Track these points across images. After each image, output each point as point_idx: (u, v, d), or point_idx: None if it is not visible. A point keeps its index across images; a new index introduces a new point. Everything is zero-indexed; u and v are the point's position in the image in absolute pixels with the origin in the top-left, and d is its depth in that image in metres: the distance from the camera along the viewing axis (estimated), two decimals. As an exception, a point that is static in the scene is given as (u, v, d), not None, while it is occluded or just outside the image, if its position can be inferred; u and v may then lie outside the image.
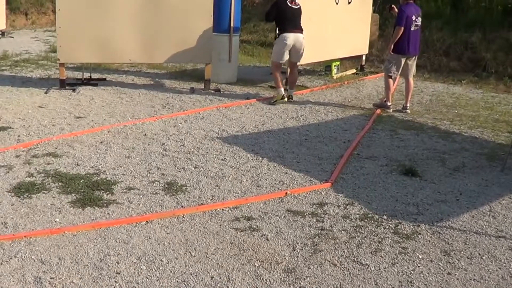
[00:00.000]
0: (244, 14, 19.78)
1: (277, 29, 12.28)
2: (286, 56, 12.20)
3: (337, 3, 14.38)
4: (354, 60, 16.13)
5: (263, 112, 11.40)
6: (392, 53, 11.79)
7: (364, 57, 16.03)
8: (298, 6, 12.16)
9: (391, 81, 11.97)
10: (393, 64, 11.82)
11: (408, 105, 12.05)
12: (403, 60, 11.78)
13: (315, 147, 9.38)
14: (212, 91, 12.84)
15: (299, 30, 12.11)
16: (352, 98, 12.90)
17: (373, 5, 15.96)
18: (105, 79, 13.67)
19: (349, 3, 14.84)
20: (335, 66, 15.20)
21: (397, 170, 8.46)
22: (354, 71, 15.77)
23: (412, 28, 11.60)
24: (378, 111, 11.72)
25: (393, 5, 12.49)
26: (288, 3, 12.04)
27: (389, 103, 12.01)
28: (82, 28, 12.22)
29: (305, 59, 13.58)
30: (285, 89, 12.46)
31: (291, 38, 11.98)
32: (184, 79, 14.01)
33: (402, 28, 11.49)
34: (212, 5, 12.62)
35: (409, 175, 8.24)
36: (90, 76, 13.57)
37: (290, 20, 12.02)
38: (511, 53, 15.85)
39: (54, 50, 16.34)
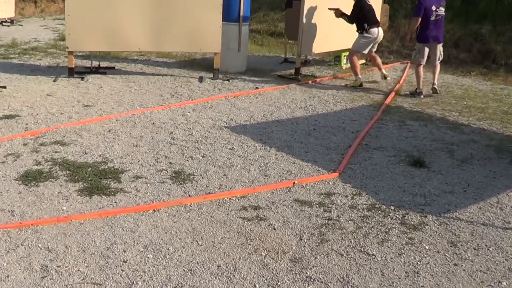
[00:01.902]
0: (254, 4, 19.75)
1: (365, 24, 13.19)
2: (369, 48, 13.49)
3: (347, -7, 14.33)
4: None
5: (271, 101, 11.38)
6: (417, 43, 12.50)
7: (374, 48, 15.95)
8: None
9: (420, 69, 12.64)
10: (419, 53, 12.51)
11: (436, 82, 12.84)
12: (427, 49, 12.42)
13: (323, 137, 9.37)
14: (221, 80, 12.83)
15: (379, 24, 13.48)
16: (360, 89, 12.86)
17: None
18: (113, 68, 13.69)
19: (359, -7, 14.76)
20: (344, 56, 15.15)
21: (405, 160, 8.44)
22: (363, 61, 15.70)
23: (433, 18, 12.13)
24: (388, 100, 11.71)
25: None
26: (368, 2, 13.24)
27: (420, 90, 12.64)
28: (91, 17, 12.22)
29: (315, 50, 13.61)
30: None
31: (377, 31, 13.26)
32: (193, 68, 14.01)
33: (419, 19, 12.14)
34: (221, -5, 12.61)
35: (417, 166, 8.22)
36: (99, 65, 13.59)
37: (373, 15, 13.32)
38: (522, 46, 15.81)
39: (63, 38, 16.37)
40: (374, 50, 13.81)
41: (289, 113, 10.66)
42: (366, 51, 13.56)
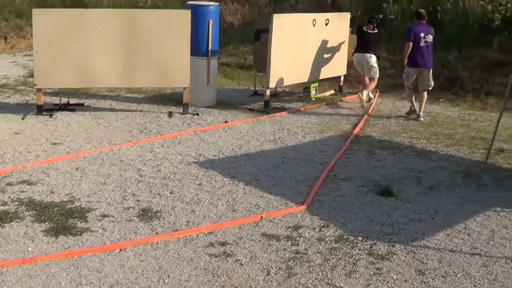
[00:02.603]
0: (224, 37, 19.84)
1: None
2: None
3: (314, 25, 14.43)
4: (332, 81, 16.16)
5: (241, 135, 11.40)
6: (407, 67, 13.26)
7: (342, 78, 16.08)
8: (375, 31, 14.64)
9: (409, 91, 13.46)
10: (406, 76, 13.36)
11: (421, 113, 13.25)
12: (415, 73, 13.13)
13: (292, 169, 9.39)
14: (191, 115, 12.83)
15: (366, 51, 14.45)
16: (330, 119, 12.91)
17: (350, 26, 16.01)
18: (83, 104, 13.64)
19: (326, 24, 14.89)
20: (313, 87, 15.23)
21: (373, 190, 8.49)
22: (332, 92, 15.80)
23: (422, 44, 12.96)
24: (357, 130, 11.79)
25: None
26: (364, 29, 14.50)
27: (413, 108, 13.43)
28: (59, 53, 12.18)
29: (284, 82, 13.71)
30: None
31: (358, 57, 14.49)
32: (163, 103, 13.99)
33: (410, 44, 12.97)
34: (189, 29, 12.61)
35: (385, 195, 8.28)
36: (68, 101, 13.52)
37: (361, 42, 14.50)
38: (488, 71, 15.92)
39: (32, 75, 16.26)
40: (369, 76, 14.55)
41: (258, 146, 10.69)
42: (360, 71, 14.79)
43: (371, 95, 14.84)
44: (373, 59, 14.40)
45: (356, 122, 12.56)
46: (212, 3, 14.13)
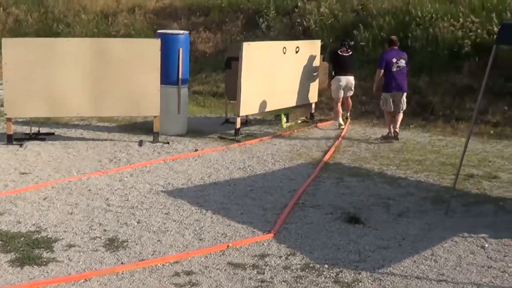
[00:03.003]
0: (196, 65, 19.89)
1: (333, 72, 15.12)
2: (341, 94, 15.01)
3: (284, 53, 14.53)
4: (304, 108, 16.23)
5: (210, 163, 11.39)
6: (382, 92, 13.69)
7: (313, 105, 16.15)
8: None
9: (388, 116, 13.77)
10: (383, 101, 13.67)
11: (397, 129, 13.74)
12: (390, 97, 13.54)
13: (260, 197, 9.40)
14: (161, 144, 12.82)
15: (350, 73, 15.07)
16: (300, 147, 12.94)
17: (322, 54, 16.12)
18: (53, 134, 13.58)
19: (296, 52, 14.99)
20: (285, 115, 15.28)
21: (341, 218, 8.51)
22: (304, 119, 15.87)
23: (394, 69, 13.48)
24: (326, 158, 11.83)
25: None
26: (340, 53, 15.02)
27: (390, 134, 13.75)
28: (30, 82, 12.16)
29: (255, 110, 13.74)
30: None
31: (344, 79, 14.86)
32: (134, 132, 13.97)
33: (381, 71, 13.59)
34: (159, 58, 12.65)
35: (352, 223, 8.30)
36: (39, 131, 13.47)
37: (343, 65, 14.94)
38: (458, 96, 16.07)
39: (2, 104, 16.23)
40: (349, 95, 15.22)
41: (227, 174, 10.69)
42: (340, 96, 14.94)
43: (341, 121, 15.00)
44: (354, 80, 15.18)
45: (326, 149, 12.60)
46: (182, 31, 14.21)
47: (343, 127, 14.90)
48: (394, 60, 13.50)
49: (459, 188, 9.75)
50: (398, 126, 13.74)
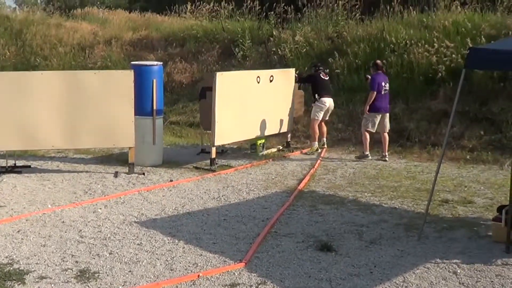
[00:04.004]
0: (172, 95, 20.01)
1: (316, 94, 15.41)
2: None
3: (258, 82, 14.63)
4: (280, 136, 16.32)
5: (185, 193, 11.41)
6: (368, 113, 14.48)
7: (289, 134, 16.23)
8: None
9: (367, 134, 14.63)
10: (369, 122, 14.52)
11: (386, 154, 14.66)
12: (378, 118, 14.48)
13: (233, 227, 9.43)
14: (136, 175, 12.83)
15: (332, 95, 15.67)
16: (275, 175, 12.99)
17: (297, 82, 16.23)
18: (29, 166, 13.57)
19: (271, 81, 15.10)
20: (260, 144, 15.36)
21: (313, 246, 8.53)
22: (279, 147, 15.93)
23: (382, 92, 14.43)
24: (301, 186, 11.88)
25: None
26: (321, 76, 15.57)
27: (367, 153, 14.67)
28: (4, 115, 12.16)
29: (230, 139, 13.79)
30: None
31: (328, 101, 15.37)
32: (110, 163, 13.98)
33: (374, 93, 14.31)
34: (132, 89, 12.69)
35: (324, 251, 8.32)
36: (15, 164, 13.45)
37: (326, 87, 15.55)
38: (434, 122, 16.20)
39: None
40: (326, 118, 15.66)
41: (201, 204, 10.71)
42: (320, 117, 15.34)
43: (317, 144, 15.43)
44: None
45: (302, 177, 12.65)
46: (155, 62, 14.29)
47: (319, 150, 15.12)
48: (383, 83, 14.49)
49: (433, 214, 9.83)
50: (386, 148, 14.67)
